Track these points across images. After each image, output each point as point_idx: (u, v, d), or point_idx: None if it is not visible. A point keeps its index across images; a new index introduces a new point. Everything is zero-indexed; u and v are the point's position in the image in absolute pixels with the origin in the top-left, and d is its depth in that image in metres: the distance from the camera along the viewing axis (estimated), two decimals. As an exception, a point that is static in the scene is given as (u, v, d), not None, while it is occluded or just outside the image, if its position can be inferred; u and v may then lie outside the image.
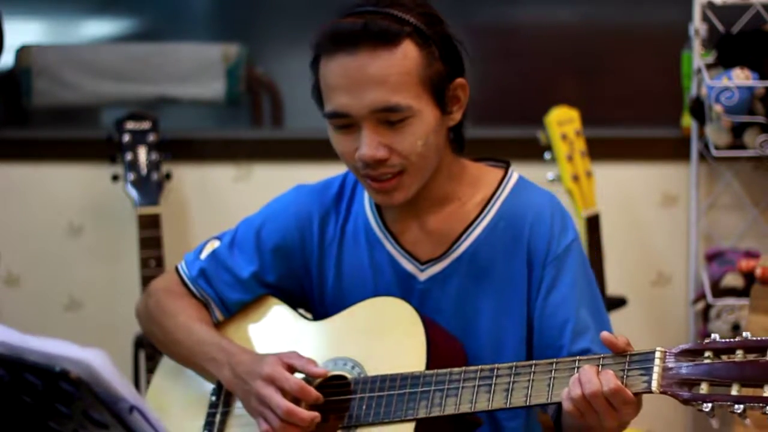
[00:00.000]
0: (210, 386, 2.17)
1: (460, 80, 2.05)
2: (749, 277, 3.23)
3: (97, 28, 4.03)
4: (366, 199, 2.17)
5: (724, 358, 1.74)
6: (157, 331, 2.22)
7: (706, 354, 1.75)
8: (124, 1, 3.96)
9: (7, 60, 3.72)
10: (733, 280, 3.37)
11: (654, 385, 1.78)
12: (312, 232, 2.18)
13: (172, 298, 2.22)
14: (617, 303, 3.41)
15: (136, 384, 3.40)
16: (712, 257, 3.48)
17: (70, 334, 3.33)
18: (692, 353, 1.77)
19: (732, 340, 1.74)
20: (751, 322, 2.58)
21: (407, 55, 1.97)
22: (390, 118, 1.98)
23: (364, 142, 1.99)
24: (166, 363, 2.26)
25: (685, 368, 1.76)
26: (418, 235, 2.12)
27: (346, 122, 2.00)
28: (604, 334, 1.84)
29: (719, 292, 3.38)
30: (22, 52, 3.74)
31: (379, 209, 2.15)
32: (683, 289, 3.61)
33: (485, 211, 2.10)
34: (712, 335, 1.77)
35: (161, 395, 2.24)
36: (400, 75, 1.97)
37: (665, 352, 1.79)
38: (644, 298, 3.61)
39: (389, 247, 2.13)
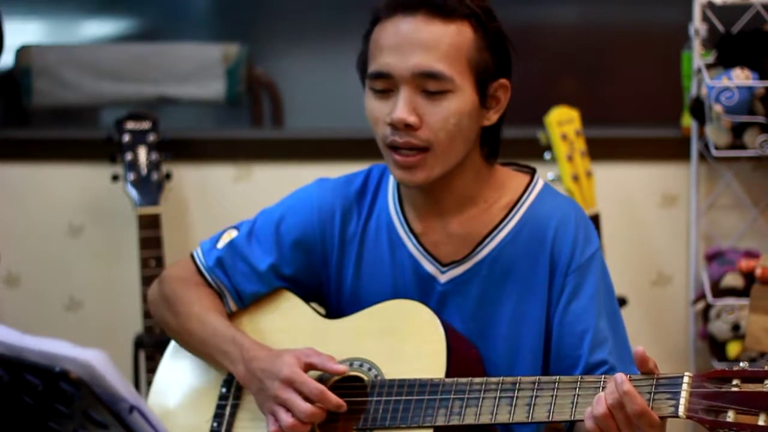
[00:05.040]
0: (220, 377, 2.15)
1: (503, 80, 2.06)
2: (749, 277, 3.23)
3: (97, 28, 4.03)
4: (390, 197, 2.15)
5: (752, 386, 1.73)
6: (169, 319, 2.21)
7: (734, 381, 1.74)
8: (124, 1, 3.96)
9: (7, 60, 3.72)
10: (733, 280, 3.36)
11: (681, 410, 1.76)
12: (333, 226, 2.16)
13: (186, 286, 2.20)
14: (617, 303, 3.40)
15: (136, 384, 3.40)
16: (712, 257, 3.47)
17: (70, 334, 3.34)
18: (720, 380, 1.75)
19: (761, 369, 1.73)
20: (751, 322, 2.58)
21: (461, 31, 1.99)
22: (430, 86, 1.98)
23: (398, 104, 1.98)
24: (174, 353, 2.24)
25: (712, 395, 1.75)
26: (441, 237, 2.10)
27: (386, 85, 2.00)
28: (639, 350, 1.81)
29: (719, 292, 3.37)
30: (22, 52, 3.74)
31: (402, 208, 2.14)
32: (683, 289, 3.61)
33: (510, 216, 2.09)
34: (741, 363, 1.76)
35: (169, 386, 2.22)
36: (450, 46, 1.98)
37: (693, 377, 1.78)
38: (644, 298, 3.61)
39: (411, 247, 2.11)
